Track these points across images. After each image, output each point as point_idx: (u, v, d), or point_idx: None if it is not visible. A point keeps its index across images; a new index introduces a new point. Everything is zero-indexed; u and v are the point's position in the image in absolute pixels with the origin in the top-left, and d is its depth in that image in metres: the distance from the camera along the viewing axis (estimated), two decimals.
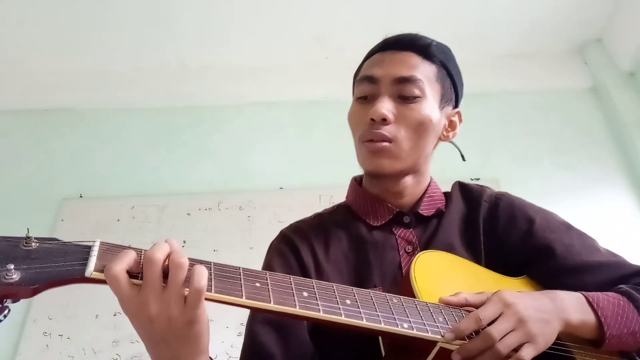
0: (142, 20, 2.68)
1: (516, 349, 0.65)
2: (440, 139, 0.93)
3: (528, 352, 0.65)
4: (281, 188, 2.57)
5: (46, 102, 2.86)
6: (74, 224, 2.46)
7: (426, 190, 0.93)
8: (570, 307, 0.73)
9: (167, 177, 2.62)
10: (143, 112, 2.84)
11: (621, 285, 0.80)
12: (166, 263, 0.57)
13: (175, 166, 2.66)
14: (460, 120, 0.96)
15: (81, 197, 2.57)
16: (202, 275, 0.57)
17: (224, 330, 2.13)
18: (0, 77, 2.87)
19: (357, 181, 0.98)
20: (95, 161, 2.68)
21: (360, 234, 0.89)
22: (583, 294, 0.75)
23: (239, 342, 2.26)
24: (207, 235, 2.43)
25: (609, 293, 0.78)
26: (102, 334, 2.16)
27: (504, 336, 0.64)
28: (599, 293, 0.77)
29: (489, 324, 0.65)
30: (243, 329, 2.42)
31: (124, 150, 2.72)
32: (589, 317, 0.73)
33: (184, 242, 2.41)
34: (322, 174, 2.54)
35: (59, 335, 2.17)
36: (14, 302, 0.52)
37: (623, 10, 2.73)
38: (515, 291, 0.71)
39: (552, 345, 0.73)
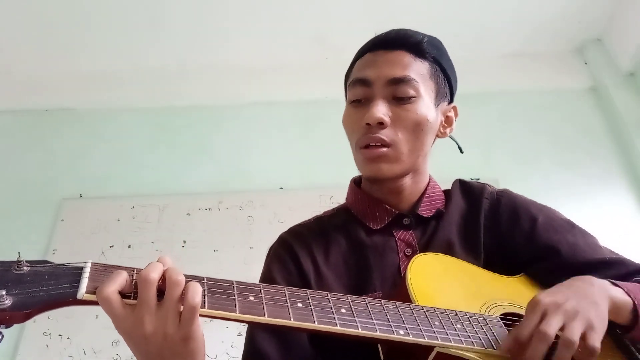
0: (141, 21, 2.68)
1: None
2: (437, 135, 0.91)
3: (594, 337, 0.62)
4: (281, 188, 2.57)
5: (46, 102, 2.86)
6: (74, 224, 2.47)
7: (425, 190, 0.92)
8: (607, 285, 0.71)
9: (167, 177, 2.62)
10: (143, 112, 2.84)
11: (637, 277, 0.79)
12: (160, 282, 0.57)
13: (175, 166, 2.66)
14: (456, 115, 0.95)
15: (81, 197, 2.57)
16: (196, 292, 0.57)
17: (224, 330, 2.13)
18: (0, 77, 2.88)
19: (355, 183, 0.97)
20: (95, 161, 2.68)
21: (360, 237, 0.88)
22: (608, 280, 0.74)
23: (239, 342, 2.26)
24: (207, 235, 2.43)
25: (628, 282, 0.76)
26: (102, 334, 2.15)
27: (563, 333, 0.61)
28: (619, 281, 0.75)
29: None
30: (243, 329, 2.41)
31: (124, 150, 2.72)
32: (623, 295, 0.72)
33: (184, 242, 2.41)
34: (322, 174, 2.54)
35: (59, 335, 2.18)
36: (7, 327, 0.52)
37: (623, 10, 2.73)
38: (545, 291, 0.68)
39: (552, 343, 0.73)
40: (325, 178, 2.50)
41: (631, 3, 2.67)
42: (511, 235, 0.87)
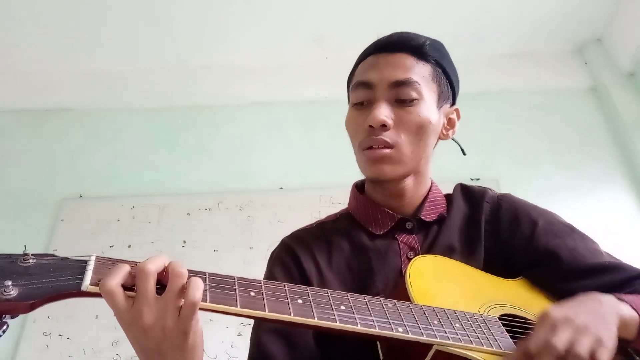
0: (142, 20, 2.68)
1: None
2: (439, 138, 0.92)
3: (603, 354, 0.62)
4: (281, 188, 2.57)
5: (46, 102, 2.87)
6: (74, 224, 2.47)
7: (427, 194, 0.92)
8: (615, 302, 0.71)
9: (167, 177, 2.62)
10: (143, 112, 2.84)
11: (636, 282, 0.79)
12: (164, 274, 0.58)
13: (175, 166, 2.66)
14: (459, 117, 0.95)
15: (81, 197, 2.57)
16: (197, 287, 0.57)
17: (224, 330, 2.13)
18: (0, 77, 2.88)
19: (357, 188, 0.97)
20: (95, 161, 2.69)
21: (363, 242, 0.88)
22: (613, 295, 0.74)
23: (239, 342, 2.27)
24: (207, 235, 2.43)
25: (633, 294, 0.76)
26: (102, 334, 2.16)
27: (572, 347, 0.60)
28: (623, 294, 0.75)
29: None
30: (243, 329, 2.41)
31: (124, 150, 2.72)
32: (632, 312, 0.71)
33: (184, 242, 2.41)
34: (322, 174, 2.55)
35: (59, 335, 2.18)
36: (12, 317, 0.53)
37: (623, 10, 2.73)
38: (555, 305, 0.68)
39: None
40: (325, 178, 2.50)
41: (631, 3, 2.67)
42: (511, 239, 0.87)
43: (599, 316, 0.66)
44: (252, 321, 0.82)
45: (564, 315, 0.64)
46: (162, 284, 0.57)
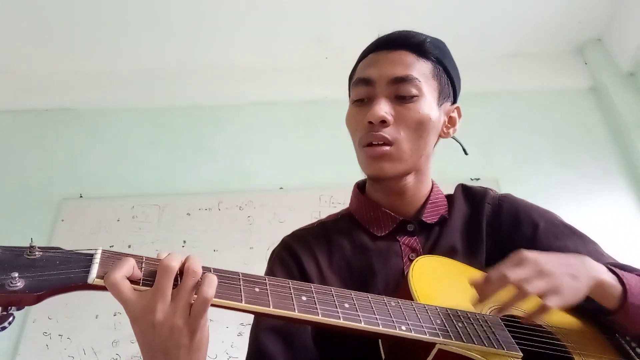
0: (142, 21, 2.68)
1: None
2: (440, 136, 0.91)
3: (553, 300, 0.65)
4: (281, 188, 2.57)
5: (46, 102, 2.87)
6: (74, 224, 2.47)
7: (429, 196, 0.92)
8: (600, 268, 0.73)
9: (167, 177, 2.62)
10: (143, 112, 2.84)
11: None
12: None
13: (175, 166, 2.66)
14: (460, 116, 0.95)
15: (81, 197, 2.57)
16: (210, 284, 0.57)
17: (224, 330, 2.13)
18: (0, 77, 2.88)
19: (359, 188, 0.97)
20: (95, 161, 2.69)
21: (364, 243, 0.88)
22: (607, 264, 0.76)
23: (239, 342, 2.27)
24: (207, 235, 2.43)
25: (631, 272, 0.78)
26: (102, 334, 2.16)
27: (523, 284, 0.64)
28: (620, 269, 0.77)
29: None
30: (243, 329, 2.41)
31: (124, 150, 2.72)
32: (615, 281, 0.73)
33: (184, 242, 2.41)
34: (322, 174, 2.55)
35: (59, 335, 2.18)
36: (18, 309, 0.53)
37: (623, 10, 2.74)
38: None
39: (550, 344, 0.73)
40: (325, 178, 2.50)
41: (631, 3, 2.68)
42: (512, 241, 0.87)
43: (572, 270, 0.69)
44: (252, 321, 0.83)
45: (534, 257, 0.68)
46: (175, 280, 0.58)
